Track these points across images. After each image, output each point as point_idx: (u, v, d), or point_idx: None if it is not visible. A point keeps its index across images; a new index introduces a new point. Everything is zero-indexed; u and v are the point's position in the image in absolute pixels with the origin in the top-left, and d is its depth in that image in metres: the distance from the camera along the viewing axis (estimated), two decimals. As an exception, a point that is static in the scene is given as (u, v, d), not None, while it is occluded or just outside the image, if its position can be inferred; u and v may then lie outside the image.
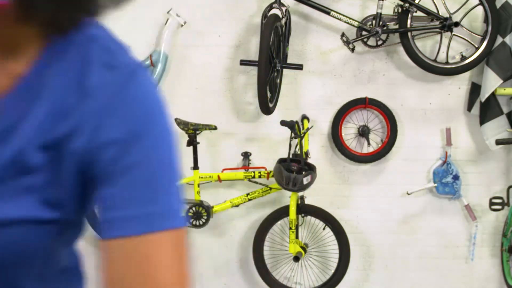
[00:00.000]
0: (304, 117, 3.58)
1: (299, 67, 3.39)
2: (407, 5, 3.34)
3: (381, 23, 3.39)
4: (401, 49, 3.48)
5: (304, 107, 3.64)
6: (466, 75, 3.62)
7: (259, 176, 3.41)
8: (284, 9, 3.34)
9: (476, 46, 3.44)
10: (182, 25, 3.52)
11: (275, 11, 3.27)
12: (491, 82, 3.42)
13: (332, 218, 3.44)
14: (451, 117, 3.67)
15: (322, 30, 3.60)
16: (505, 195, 3.49)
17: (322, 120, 3.64)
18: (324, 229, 3.50)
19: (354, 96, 3.60)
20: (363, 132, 3.62)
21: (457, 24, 3.37)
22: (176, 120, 3.34)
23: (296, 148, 3.34)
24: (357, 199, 3.71)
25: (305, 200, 3.43)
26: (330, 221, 3.44)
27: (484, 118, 3.53)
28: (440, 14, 3.38)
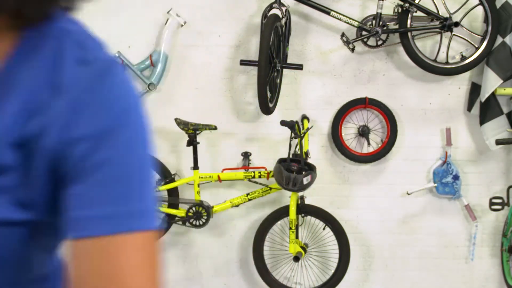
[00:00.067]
0: (304, 117, 3.58)
1: (299, 67, 3.39)
2: (407, 5, 3.34)
3: (381, 23, 3.39)
4: (401, 49, 3.48)
5: (304, 107, 3.64)
6: (466, 75, 3.62)
7: (259, 176, 3.41)
8: (284, 9, 3.35)
9: (476, 46, 3.44)
10: (182, 25, 3.52)
11: (275, 11, 3.27)
12: (491, 82, 3.42)
13: (332, 218, 3.44)
14: (451, 117, 3.67)
15: (322, 30, 3.60)
16: (505, 195, 3.49)
17: (322, 120, 3.64)
18: (324, 229, 3.50)
19: (354, 96, 3.60)
20: (363, 132, 3.62)
21: (457, 24, 3.37)
22: (176, 120, 3.34)
23: (296, 148, 3.34)
24: (357, 199, 3.71)
25: (305, 200, 3.43)
26: (330, 221, 3.44)
27: (484, 118, 3.54)
28: (440, 14, 3.38)
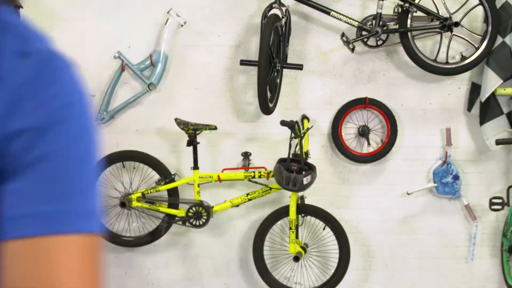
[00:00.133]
0: (304, 117, 3.58)
1: (299, 67, 3.39)
2: (407, 5, 3.34)
3: (381, 23, 3.39)
4: (401, 49, 3.48)
5: (304, 107, 3.64)
6: (466, 75, 3.62)
7: (259, 176, 3.41)
8: (284, 9, 3.35)
9: (476, 46, 3.44)
10: (182, 25, 3.52)
11: (275, 11, 3.27)
12: (491, 82, 3.42)
13: (332, 218, 3.44)
14: (451, 117, 3.67)
15: (322, 30, 3.60)
16: (505, 195, 3.49)
17: (322, 120, 3.64)
18: (324, 229, 3.50)
19: (354, 96, 3.60)
20: (363, 132, 3.62)
21: (457, 24, 3.37)
22: (176, 120, 3.34)
23: (296, 148, 3.34)
24: (357, 199, 3.71)
25: (305, 200, 3.43)
26: (330, 221, 3.44)
27: (484, 118, 3.54)
28: (440, 14, 3.38)
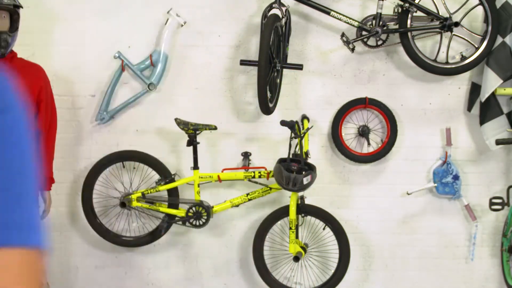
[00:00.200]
0: (304, 117, 3.58)
1: (299, 67, 3.39)
2: (407, 5, 3.34)
3: (381, 23, 3.39)
4: (401, 49, 3.48)
5: (304, 107, 3.63)
6: (466, 75, 3.61)
7: (259, 176, 3.40)
8: (284, 9, 3.35)
9: (476, 46, 3.44)
10: (182, 25, 3.52)
11: (275, 11, 3.27)
12: (491, 82, 3.42)
13: (332, 218, 3.44)
14: (451, 117, 3.67)
15: (322, 30, 3.60)
16: (505, 195, 3.49)
17: (322, 120, 3.64)
18: (324, 229, 3.50)
19: (354, 96, 3.60)
20: (363, 132, 3.62)
21: (457, 24, 3.37)
22: (176, 120, 3.34)
23: (296, 148, 3.34)
24: (357, 199, 3.71)
25: (305, 200, 3.43)
26: (330, 221, 3.44)
27: (484, 118, 3.54)
28: (440, 14, 3.38)
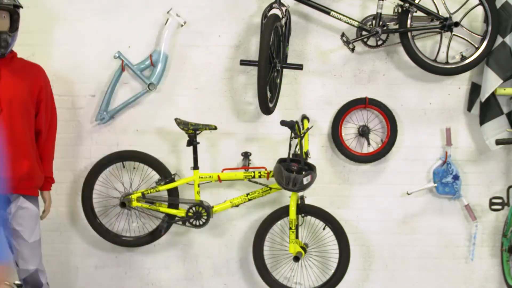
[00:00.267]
0: (304, 117, 3.58)
1: (299, 67, 3.39)
2: (407, 5, 3.34)
3: (381, 23, 3.39)
4: (401, 49, 3.48)
5: (304, 107, 3.63)
6: (466, 75, 3.62)
7: (259, 176, 3.40)
8: (284, 9, 3.35)
9: (476, 46, 3.45)
10: (182, 25, 3.52)
11: (275, 11, 3.27)
12: (491, 82, 3.42)
13: (332, 218, 3.44)
14: (451, 117, 3.67)
15: (322, 30, 3.60)
16: (505, 195, 3.49)
17: (322, 120, 3.64)
18: (324, 229, 3.50)
19: (354, 96, 3.60)
20: (363, 132, 3.62)
21: (457, 24, 3.37)
22: (176, 120, 3.34)
23: (296, 148, 3.34)
24: (357, 199, 3.71)
25: (305, 200, 3.43)
26: (330, 221, 3.44)
27: (484, 118, 3.54)
28: (440, 14, 3.38)
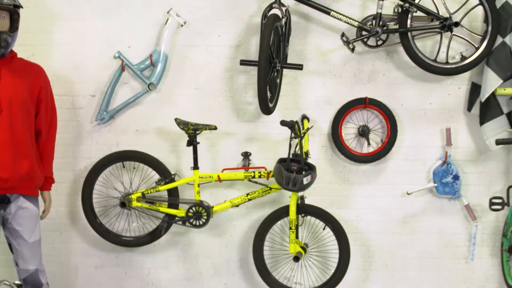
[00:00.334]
0: (304, 117, 3.58)
1: (299, 67, 3.39)
2: (407, 5, 3.34)
3: (381, 23, 3.39)
4: (401, 49, 3.48)
5: (304, 107, 3.63)
6: (466, 75, 3.62)
7: (259, 176, 3.40)
8: (284, 9, 3.35)
9: (476, 46, 3.45)
10: (182, 25, 3.52)
11: (275, 11, 3.27)
12: (491, 82, 3.42)
13: (332, 218, 3.44)
14: (451, 117, 3.67)
15: (322, 30, 3.60)
16: (505, 195, 3.49)
17: (322, 120, 3.64)
18: (324, 229, 3.50)
19: (354, 96, 3.60)
20: (363, 132, 3.62)
21: (457, 24, 3.37)
22: (176, 120, 3.34)
23: (296, 148, 3.34)
24: (357, 199, 3.71)
25: (305, 200, 3.43)
26: (330, 221, 3.44)
27: (484, 118, 3.54)
28: (440, 14, 3.38)
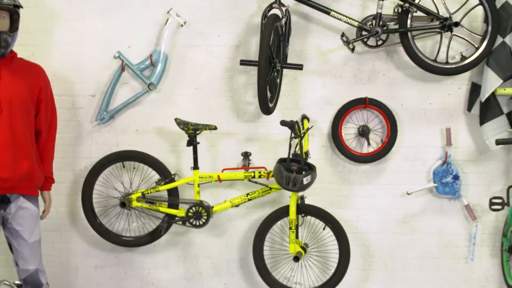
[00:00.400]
0: (304, 117, 3.58)
1: (299, 67, 3.39)
2: (407, 5, 3.34)
3: (381, 23, 3.39)
4: (401, 49, 3.48)
5: (304, 107, 3.64)
6: (466, 75, 3.62)
7: (259, 176, 3.40)
8: (284, 9, 3.35)
9: (476, 46, 3.45)
10: (182, 25, 3.52)
11: (275, 11, 3.27)
12: (491, 82, 3.42)
13: (332, 218, 3.44)
14: (451, 117, 3.67)
15: (322, 30, 3.60)
16: (505, 195, 3.49)
17: (322, 120, 3.64)
18: (324, 229, 3.50)
19: (354, 96, 3.60)
20: (363, 132, 3.62)
21: (457, 24, 3.37)
22: (176, 120, 3.34)
23: (296, 148, 3.34)
24: (357, 199, 3.71)
25: (305, 200, 3.43)
26: (330, 221, 3.44)
27: (484, 118, 3.54)
28: (440, 14, 3.38)
